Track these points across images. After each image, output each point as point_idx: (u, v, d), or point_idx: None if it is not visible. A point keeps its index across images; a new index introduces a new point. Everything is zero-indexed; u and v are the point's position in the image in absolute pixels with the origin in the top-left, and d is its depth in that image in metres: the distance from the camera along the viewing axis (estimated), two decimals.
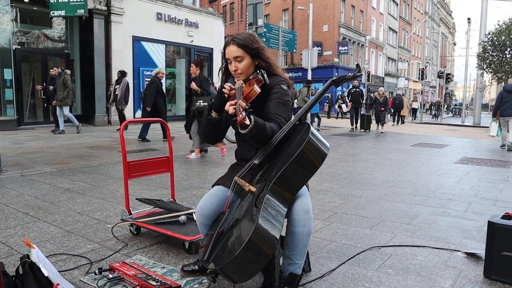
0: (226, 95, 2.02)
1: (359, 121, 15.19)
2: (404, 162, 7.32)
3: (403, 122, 22.55)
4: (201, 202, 2.12)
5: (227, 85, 2.02)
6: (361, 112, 15.50)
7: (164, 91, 10.45)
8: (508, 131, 9.89)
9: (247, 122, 1.78)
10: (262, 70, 2.08)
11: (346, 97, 15.97)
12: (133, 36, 15.22)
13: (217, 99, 2.09)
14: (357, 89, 14.83)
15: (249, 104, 1.89)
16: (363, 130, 14.89)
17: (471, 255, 2.83)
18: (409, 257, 2.79)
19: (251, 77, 2.10)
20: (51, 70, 11.51)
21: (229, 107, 1.86)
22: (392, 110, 21.98)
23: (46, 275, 1.79)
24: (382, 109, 14.71)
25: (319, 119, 15.44)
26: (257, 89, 1.98)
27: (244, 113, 1.79)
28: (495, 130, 10.72)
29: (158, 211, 3.31)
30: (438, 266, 2.64)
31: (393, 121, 22.15)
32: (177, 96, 18.09)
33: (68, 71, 11.23)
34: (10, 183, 5.03)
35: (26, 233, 3.20)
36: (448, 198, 4.54)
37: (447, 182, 5.49)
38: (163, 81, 15.73)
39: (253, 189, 1.93)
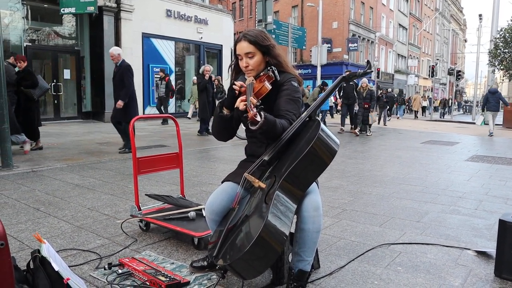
0: (236, 92, 2.02)
1: (358, 121, 12.24)
2: (414, 159, 7.26)
3: (416, 117, 22.51)
4: (211, 198, 2.12)
5: (238, 83, 2.01)
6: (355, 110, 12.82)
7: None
8: (491, 122, 13.38)
9: (258, 118, 1.78)
10: (272, 67, 2.07)
11: (337, 92, 13.52)
12: (142, 33, 15.28)
13: (228, 96, 2.09)
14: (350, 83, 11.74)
15: (260, 101, 1.89)
16: (359, 132, 12.15)
17: (482, 254, 2.80)
18: (419, 255, 2.77)
19: (261, 73, 2.10)
20: None
21: (240, 103, 1.86)
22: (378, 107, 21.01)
23: (56, 270, 1.81)
24: (367, 106, 11.99)
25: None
26: (268, 85, 1.98)
27: (255, 110, 1.79)
28: (480, 121, 14.71)
29: (167, 207, 3.33)
30: (448, 264, 2.62)
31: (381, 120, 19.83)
32: (186, 92, 18.12)
33: None
34: (21, 178, 5.09)
35: (37, 228, 3.23)
36: (458, 196, 4.50)
37: (458, 180, 5.44)
38: (172, 78, 15.83)
39: (262, 185, 1.93)
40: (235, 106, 1.91)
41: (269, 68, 2.08)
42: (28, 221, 3.40)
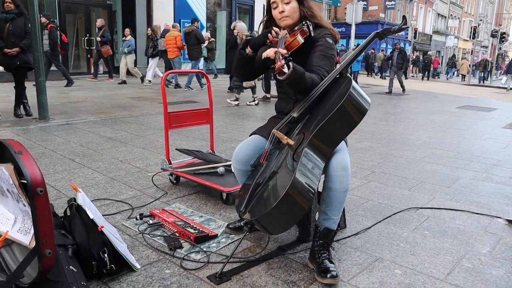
0: (268, 41, 2.00)
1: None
2: (448, 124, 7.06)
3: (463, 80, 25.40)
4: (236, 149, 2.18)
5: (275, 30, 1.98)
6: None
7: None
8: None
9: (285, 70, 1.78)
10: (308, 22, 2.02)
11: None
12: None
13: (257, 38, 2.07)
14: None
15: (289, 53, 1.87)
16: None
17: None
18: (447, 220, 2.74)
19: (296, 28, 2.05)
20: None
21: (270, 52, 1.85)
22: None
23: (91, 218, 1.88)
24: None
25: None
26: (300, 39, 1.94)
27: (283, 61, 1.79)
28: (504, 80, 19.49)
29: (197, 162, 3.38)
30: (477, 231, 2.58)
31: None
32: (217, 49, 17.95)
33: None
34: (57, 130, 5.25)
35: (72, 178, 3.36)
36: (492, 163, 4.38)
37: (493, 147, 5.28)
38: (203, 33, 15.62)
39: (291, 142, 1.93)
40: (265, 56, 1.88)
41: (304, 22, 2.02)
42: (64, 171, 3.53)
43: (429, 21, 39.53)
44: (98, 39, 11.71)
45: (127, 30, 12.02)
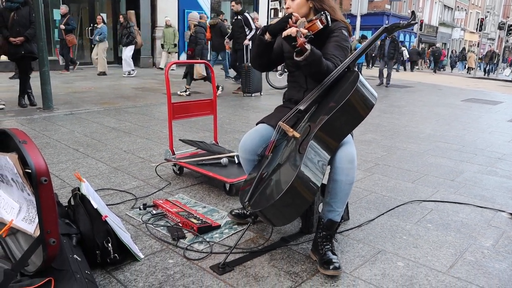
0: (288, 25, 1.99)
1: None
2: (453, 117, 7.03)
3: (469, 73, 25.68)
4: (243, 138, 2.19)
5: (295, 16, 1.97)
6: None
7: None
8: None
9: (307, 46, 1.79)
10: (326, 12, 2.01)
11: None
12: None
13: (276, 23, 2.05)
14: (238, 17, 8.52)
15: (310, 32, 1.89)
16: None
17: None
18: (451, 213, 2.74)
19: (313, 17, 2.04)
20: None
21: (291, 30, 1.82)
22: None
23: (95, 208, 1.89)
24: (190, 52, 8.13)
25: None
26: (319, 24, 1.95)
27: (305, 39, 1.80)
28: (508, 72, 20.00)
29: (200, 153, 3.39)
30: (480, 225, 2.58)
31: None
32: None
33: None
34: (61, 120, 5.26)
35: (76, 168, 3.37)
36: (497, 157, 4.36)
37: (498, 140, 5.25)
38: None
39: (297, 135, 1.92)
40: (286, 34, 1.85)
41: (322, 13, 2.02)
42: (68, 161, 3.54)
43: (435, 13, 39.17)
44: (62, 27, 10.89)
45: (99, 17, 11.44)
